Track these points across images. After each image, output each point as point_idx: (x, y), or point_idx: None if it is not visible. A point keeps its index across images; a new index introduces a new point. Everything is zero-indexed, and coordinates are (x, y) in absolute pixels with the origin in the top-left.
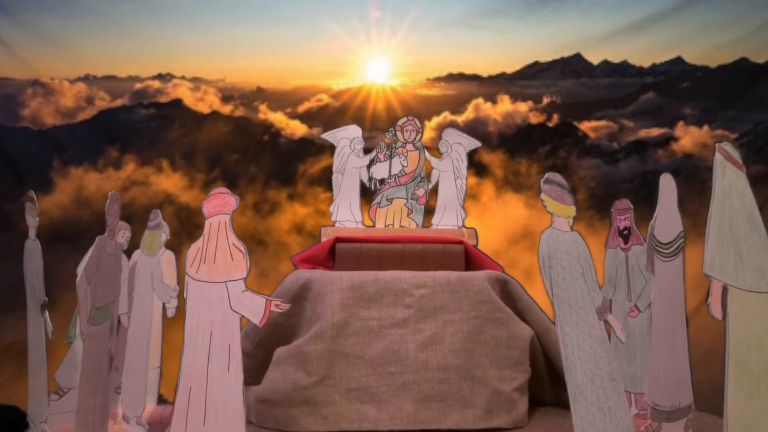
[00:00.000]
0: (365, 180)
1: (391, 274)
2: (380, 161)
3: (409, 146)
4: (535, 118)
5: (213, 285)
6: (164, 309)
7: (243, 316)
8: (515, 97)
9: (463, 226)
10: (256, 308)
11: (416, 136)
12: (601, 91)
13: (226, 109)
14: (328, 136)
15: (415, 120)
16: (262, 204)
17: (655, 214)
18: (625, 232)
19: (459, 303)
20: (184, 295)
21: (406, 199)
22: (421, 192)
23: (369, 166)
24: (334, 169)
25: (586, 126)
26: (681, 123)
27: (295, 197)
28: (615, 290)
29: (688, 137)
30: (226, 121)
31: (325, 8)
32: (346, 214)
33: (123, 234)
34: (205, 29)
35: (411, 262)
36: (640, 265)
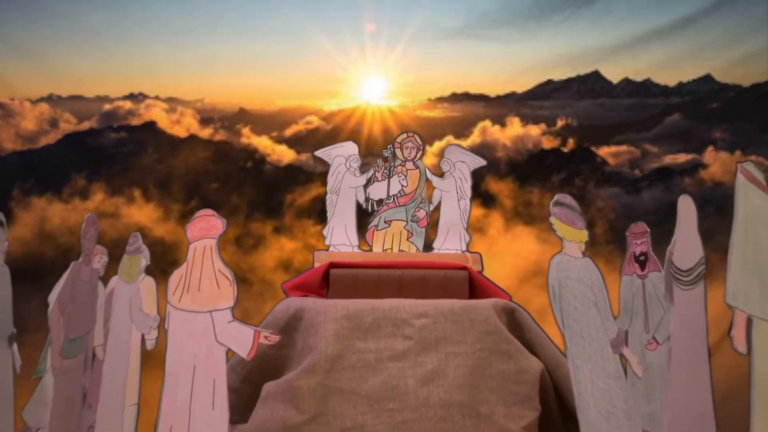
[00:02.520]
0: (362, 201)
1: (390, 303)
2: (378, 181)
3: (409, 164)
4: (548, 143)
5: (197, 315)
6: (143, 341)
7: (229, 349)
8: (526, 120)
9: (467, 250)
10: (243, 340)
11: (416, 153)
12: (621, 112)
13: (205, 133)
14: (322, 153)
15: (415, 136)
16: (245, 238)
17: (673, 239)
18: (642, 257)
19: (463, 334)
20: (165, 326)
21: (406, 221)
22: (421, 214)
23: (366, 186)
24: (328, 189)
25: (605, 151)
26: (710, 148)
27: (281, 230)
28: (631, 321)
29: (718, 164)
30: (205, 146)
31: (315, 20)
32: (341, 238)
33: (99, 259)
34: (182, 44)
35: (411, 290)
36: (658, 294)
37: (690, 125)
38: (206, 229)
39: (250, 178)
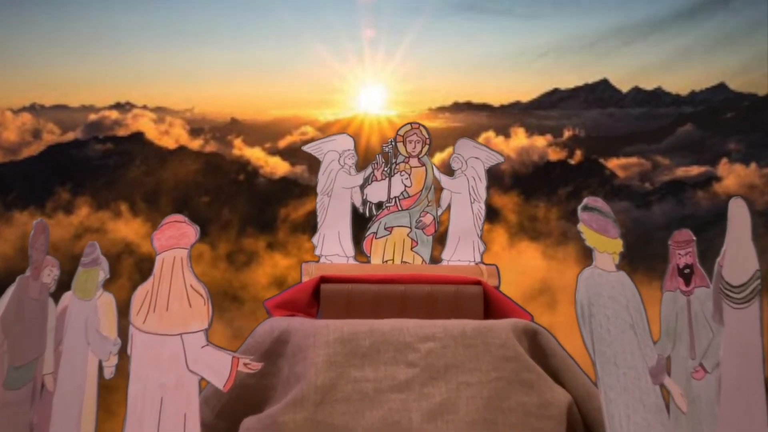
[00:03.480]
0: (358, 203)
1: (391, 324)
2: (377, 180)
3: (414, 161)
4: (554, 154)
5: (165, 338)
6: (101, 368)
7: (202, 378)
8: (532, 130)
9: (482, 262)
10: (219, 368)
11: (422, 148)
12: (631, 122)
13: (195, 144)
14: (311, 148)
15: (421, 128)
16: (237, 254)
17: (723, 249)
18: (687, 270)
19: (477, 360)
20: (128, 351)
21: (410, 227)
22: (428, 219)
23: (363, 187)
24: (318, 189)
25: (613, 163)
26: (725, 160)
27: (275, 246)
28: (674, 345)
29: (732, 176)
30: (194, 158)
31: (310, 26)
32: (333, 247)
33: (49, 272)
34: (171, 51)
35: (416, 308)
36: (705, 313)
37: (703, 136)
38: (176, 237)
39: (243, 192)
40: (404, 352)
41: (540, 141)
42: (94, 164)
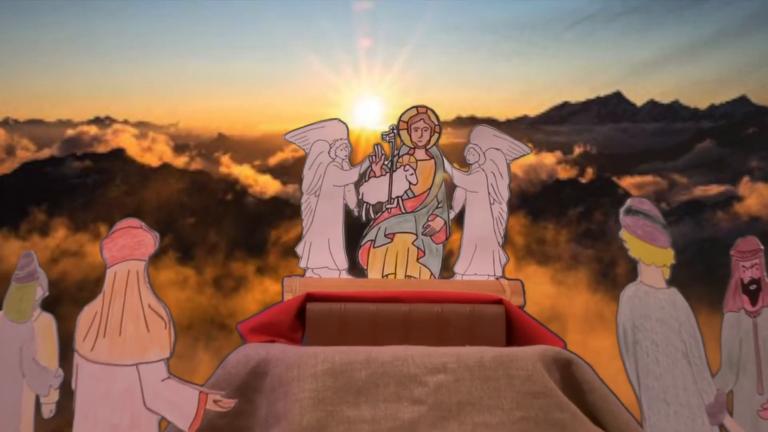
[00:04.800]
0: (352, 205)
1: (393, 352)
2: (375, 176)
3: (420, 153)
4: (564, 172)
5: (117, 369)
6: (39, 405)
7: (163, 418)
8: (540, 146)
9: (504, 276)
10: (183, 405)
11: (430, 137)
12: (646, 138)
13: (180, 161)
14: (295, 137)
15: (429, 113)
16: (225, 279)
17: None
18: (753, 286)
19: (497, 396)
20: (72, 385)
21: (416, 234)
22: (438, 223)
23: (358, 185)
24: (304, 188)
25: (627, 182)
26: (746, 179)
27: (265, 271)
28: (737, 377)
29: (754, 196)
30: (179, 176)
31: (302, 36)
32: (322, 258)
33: None
34: (154, 62)
35: (423, 333)
36: None
37: (723, 153)
38: (131, 247)
39: (230, 212)
40: (409, 386)
41: (549, 158)
42: (72, 183)
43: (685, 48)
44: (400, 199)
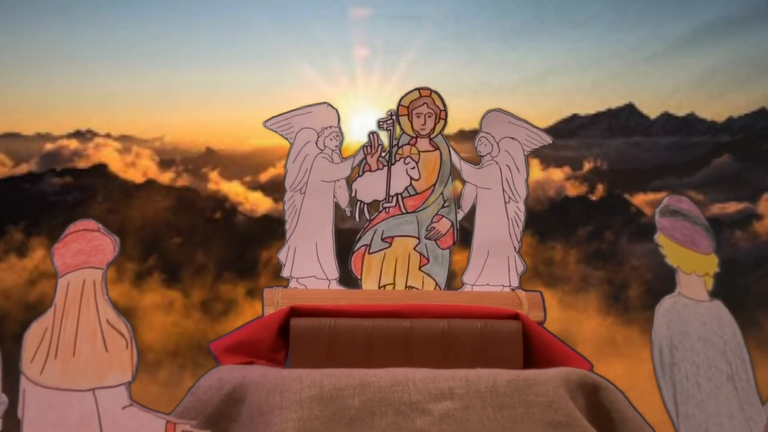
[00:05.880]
0: (343, 204)
1: (391, 376)
2: (371, 170)
3: (423, 143)
4: (573, 189)
5: (71, 395)
6: None
7: None
8: (547, 162)
9: (521, 286)
10: None
11: (435, 124)
12: (660, 153)
13: (166, 177)
14: (276, 124)
15: (433, 96)
16: (213, 302)
17: None
18: None
19: (513, 427)
20: (18, 413)
21: (418, 238)
22: (444, 225)
23: (351, 180)
24: (287, 184)
25: (640, 199)
26: (766, 196)
27: (255, 293)
28: None
29: None
30: (165, 193)
31: (296, 44)
32: (308, 266)
33: None
34: (138, 72)
35: (426, 353)
36: None
37: (742, 168)
38: (87, 253)
39: (219, 232)
40: (410, 415)
41: (557, 174)
42: (51, 200)
43: (701, 57)
44: (399, 196)
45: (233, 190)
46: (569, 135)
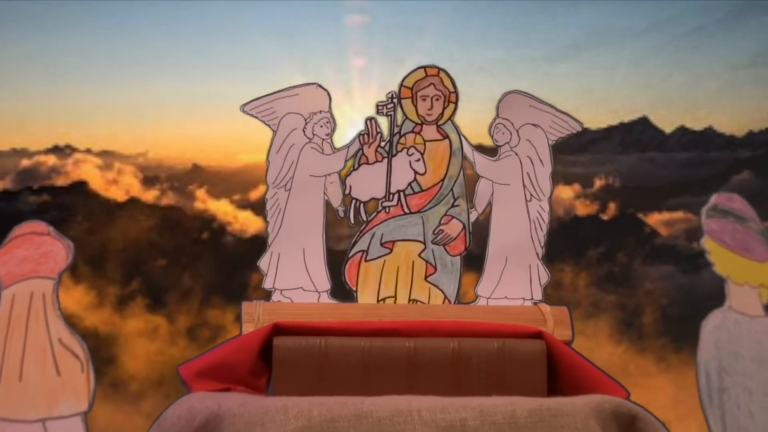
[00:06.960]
0: (335, 202)
1: (392, 405)
2: (368, 163)
3: (430, 131)
4: (583, 208)
5: (17, 426)
6: None
7: None
8: (556, 179)
9: (544, 299)
10: None
11: (444, 109)
12: (676, 169)
13: (150, 196)
14: (256, 109)
15: (441, 75)
16: (200, 328)
17: None
18: None
19: None
20: None
21: (424, 243)
22: (454, 228)
23: (344, 175)
24: (269, 179)
25: (655, 219)
26: None
27: None
28: None
29: None
30: (149, 212)
31: (288, 54)
32: (295, 276)
33: None
34: (120, 84)
35: (433, 378)
36: None
37: (763, 185)
38: (34, 260)
39: (207, 253)
40: None
41: (566, 192)
42: (28, 220)
43: (719, 67)
44: (402, 194)
45: (221, 209)
46: (579, 150)
